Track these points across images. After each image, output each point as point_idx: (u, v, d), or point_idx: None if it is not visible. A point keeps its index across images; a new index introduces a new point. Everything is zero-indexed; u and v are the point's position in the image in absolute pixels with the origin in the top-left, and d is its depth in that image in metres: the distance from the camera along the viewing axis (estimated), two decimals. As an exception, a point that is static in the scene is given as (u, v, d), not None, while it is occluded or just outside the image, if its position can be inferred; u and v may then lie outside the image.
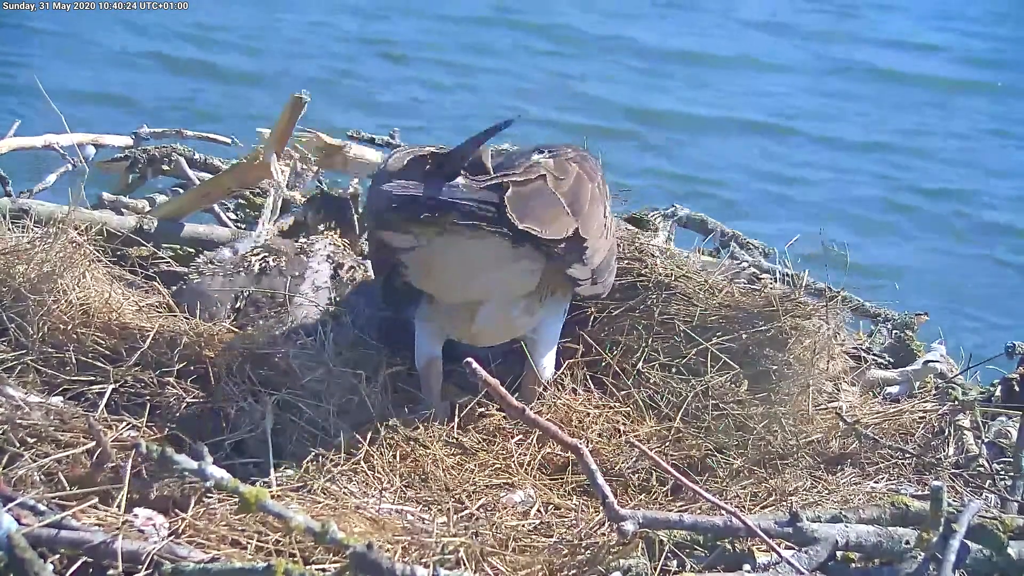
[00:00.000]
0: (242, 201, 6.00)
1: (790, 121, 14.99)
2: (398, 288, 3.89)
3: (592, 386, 4.22)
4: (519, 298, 3.87)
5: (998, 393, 4.57)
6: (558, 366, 4.19)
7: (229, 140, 6.53)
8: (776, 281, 4.61)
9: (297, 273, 4.53)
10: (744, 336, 4.17)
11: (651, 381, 4.18)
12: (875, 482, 3.90)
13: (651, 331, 4.27)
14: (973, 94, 16.66)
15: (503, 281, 3.76)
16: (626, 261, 4.43)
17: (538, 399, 4.09)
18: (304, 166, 5.25)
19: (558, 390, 4.15)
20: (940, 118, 15.63)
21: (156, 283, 4.46)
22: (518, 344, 4.04)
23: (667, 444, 3.99)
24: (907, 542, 3.23)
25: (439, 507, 3.51)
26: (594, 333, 4.32)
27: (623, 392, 4.17)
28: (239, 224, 5.76)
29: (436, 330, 3.98)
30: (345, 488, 3.54)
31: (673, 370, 4.18)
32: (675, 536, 3.15)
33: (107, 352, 3.90)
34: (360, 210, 5.22)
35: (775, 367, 4.14)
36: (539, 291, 3.86)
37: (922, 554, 3.19)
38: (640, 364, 4.21)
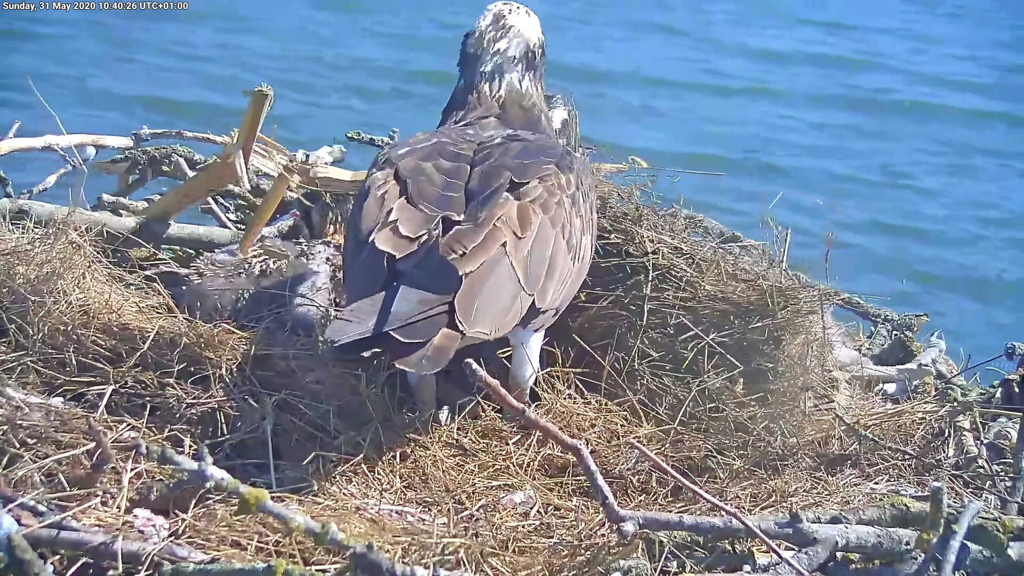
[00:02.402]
0: (242, 202, 5.99)
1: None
2: None
3: (589, 389, 4.21)
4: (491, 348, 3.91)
5: (998, 394, 4.57)
6: (545, 366, 4.18)
7: (228, 140, 6.51)
8: (767, 269, 4.51)
9: (297, 275, 4.53)
10: (737, 333, 4.15)
11: (647, 380, 4.16)
12: (875, 483, 3.90)
13: (643, 320, 4.22)
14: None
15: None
16: (613, 236, 4.37)
17: (536, 402, 4.09)
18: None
19: (555, 394, 4.15)
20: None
21: (156, 284, 4.46)
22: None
23: (666, 446, 3.99)
24: (907, 543, 3.23)
25: (439, 508, 3.51)
26: (586, 328, 4.28)
27: (620, 397, 4.16)
28: (239, 225, 5.76)
29: None
30: (345, 489, 3.54)
31: (669, 368, 4.16)
32: (675, 537, 3.16)
33: (107, 353, 3.89)
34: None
35: (771, 364, 4.13)
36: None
37: (922, 555, 3.19)
38: (635, 362, 4.18)
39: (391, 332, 3.32)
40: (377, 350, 3.36)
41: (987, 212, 13.57)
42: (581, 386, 4.17)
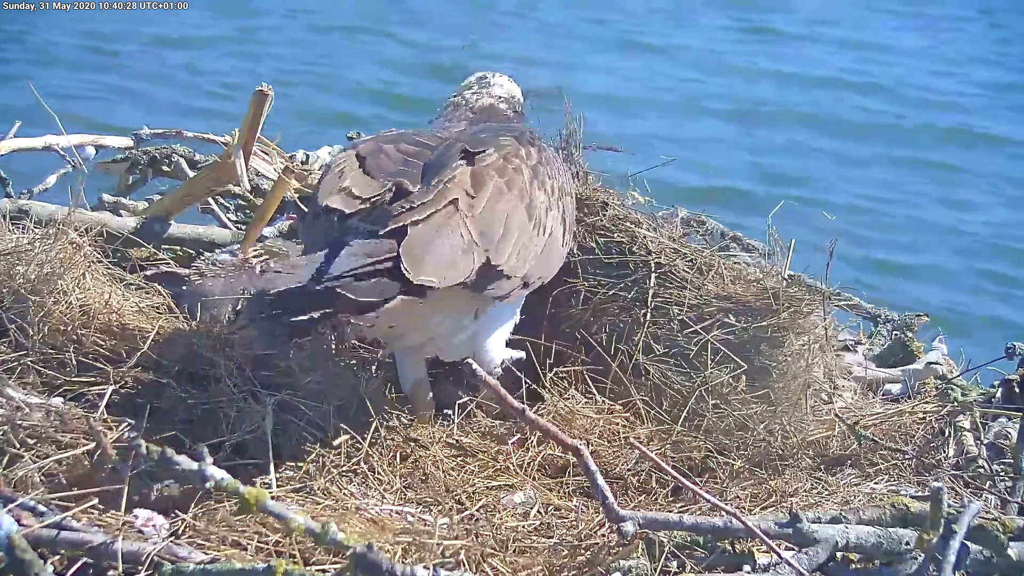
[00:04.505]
0: (242, 202, 5.99)
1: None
2: None
3: (592, 387, 4.22)
4: (458, 323, 3.81)
5: (998, 394, 4.56)
6: (549, 364, 4.18)
7: (229, 140, 6.51)
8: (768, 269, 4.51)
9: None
10: (739, 331, 4.15)
11: (651, 376, 4.16)
12: (875, 483, 3.90)
13: (647, 316, 4.23)
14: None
15: (430, 317, 3.68)
16: (615, 235, 4.38)
17: (538, 402, 4.09)
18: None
19: (556, 393, 4.15)
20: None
21: (156, 284, 4.46)
22: None
23: (667, 446, 3.99)
24: (907, 543, 3.23)
25: (439, 508, 3.51)
26: (590, 324, 4.29)
27: (623, 396, 4.16)
28: (239, 225, 5.76)
29: (414, 355, 3.98)
30: (345, 489, 3.54)
31: (672, 362, 4.16)
32: (675, 537, 3.16)
33: (107, 353, 3.89)
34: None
35: (773, 363, 4.13)
36: (476, 304, 3.79)
37: (922, 555, 3.19)
38: (639, 357, 4.18)
39: (335, 287, 3.17)
40: (323, 312, 3.20)
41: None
42: (584, 384, 4.18)
